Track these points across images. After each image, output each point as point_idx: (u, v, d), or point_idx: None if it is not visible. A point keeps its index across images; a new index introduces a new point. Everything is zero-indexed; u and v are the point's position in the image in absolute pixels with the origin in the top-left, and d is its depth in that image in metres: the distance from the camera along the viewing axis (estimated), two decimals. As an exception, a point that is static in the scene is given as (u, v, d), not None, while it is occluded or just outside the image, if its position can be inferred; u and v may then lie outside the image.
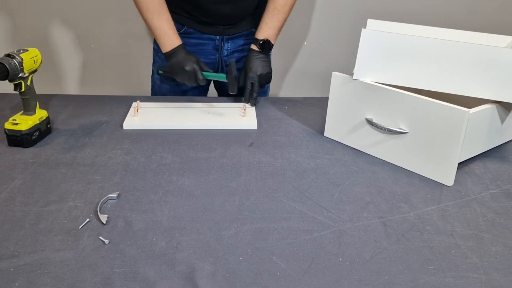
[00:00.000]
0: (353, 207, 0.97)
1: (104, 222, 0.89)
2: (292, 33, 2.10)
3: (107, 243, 0.85)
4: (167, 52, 1.41)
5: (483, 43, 1.24)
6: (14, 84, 1.15)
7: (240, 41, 1.56)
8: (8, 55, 1.13)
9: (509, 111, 1.17)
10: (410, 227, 0.91)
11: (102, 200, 0.96)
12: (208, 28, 1.51)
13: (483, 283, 0.78)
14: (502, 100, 1.10)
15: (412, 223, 0.92)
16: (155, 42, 1.55)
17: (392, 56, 1.11)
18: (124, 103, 1.45)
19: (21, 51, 1.15)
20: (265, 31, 1.44)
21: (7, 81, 1.13)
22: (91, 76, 2.18)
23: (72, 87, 2.20)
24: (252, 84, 1.43)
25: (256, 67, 1.44)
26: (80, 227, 0.89)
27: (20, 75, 1.14)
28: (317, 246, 0.86)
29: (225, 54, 1.56)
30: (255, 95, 1.44)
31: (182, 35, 1.48)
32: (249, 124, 1.32)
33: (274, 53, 2.14)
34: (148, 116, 1.35)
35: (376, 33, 1.11)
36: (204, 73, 1.39)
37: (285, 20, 1.47)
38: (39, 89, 1.24)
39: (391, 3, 2.04)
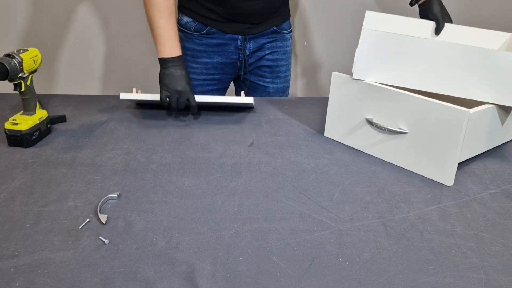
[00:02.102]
0: (353, 207, 0.97)
1: (104, 222, 0.90)
2: (292, 33, 2.10)
3: (107, 243, 0.85)
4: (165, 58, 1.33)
5: (481, 39, 1.24)
6: (14, 84, 1.15)
7: (262, 40, 1.56)
8: (8, 55, 1.12)
9: (509, 111, 1.17)
10: (410, 227, 0.91)
11: (102, 200, 0.96)
12: (232, 28, 1.50)
13: (483, 283, 0.78)
14: (501, 104, 1.10)
15: (412, 223, 0.93)
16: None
17: (392, 56, 1.11)
18: (124, 103, 1.45)
19: (21, 51, 1.15)
20: None
21: (7, 81, 1.13)
22: (91, 76, 2.18)
23: (72, 87, 2.20)
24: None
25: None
26: (80, 227, 0.89)
27: (20, 75, 1.14)
28: (317, 246, 0.86)
29: (247, 54, 1.56)
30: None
31: (204, 35, 1.49)
32: (245, 99, 1.32)
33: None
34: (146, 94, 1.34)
35: (376, 33, 1.11)
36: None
37: None
38: (39, 89, 1.25)
39: (392, 2, 2.04)
